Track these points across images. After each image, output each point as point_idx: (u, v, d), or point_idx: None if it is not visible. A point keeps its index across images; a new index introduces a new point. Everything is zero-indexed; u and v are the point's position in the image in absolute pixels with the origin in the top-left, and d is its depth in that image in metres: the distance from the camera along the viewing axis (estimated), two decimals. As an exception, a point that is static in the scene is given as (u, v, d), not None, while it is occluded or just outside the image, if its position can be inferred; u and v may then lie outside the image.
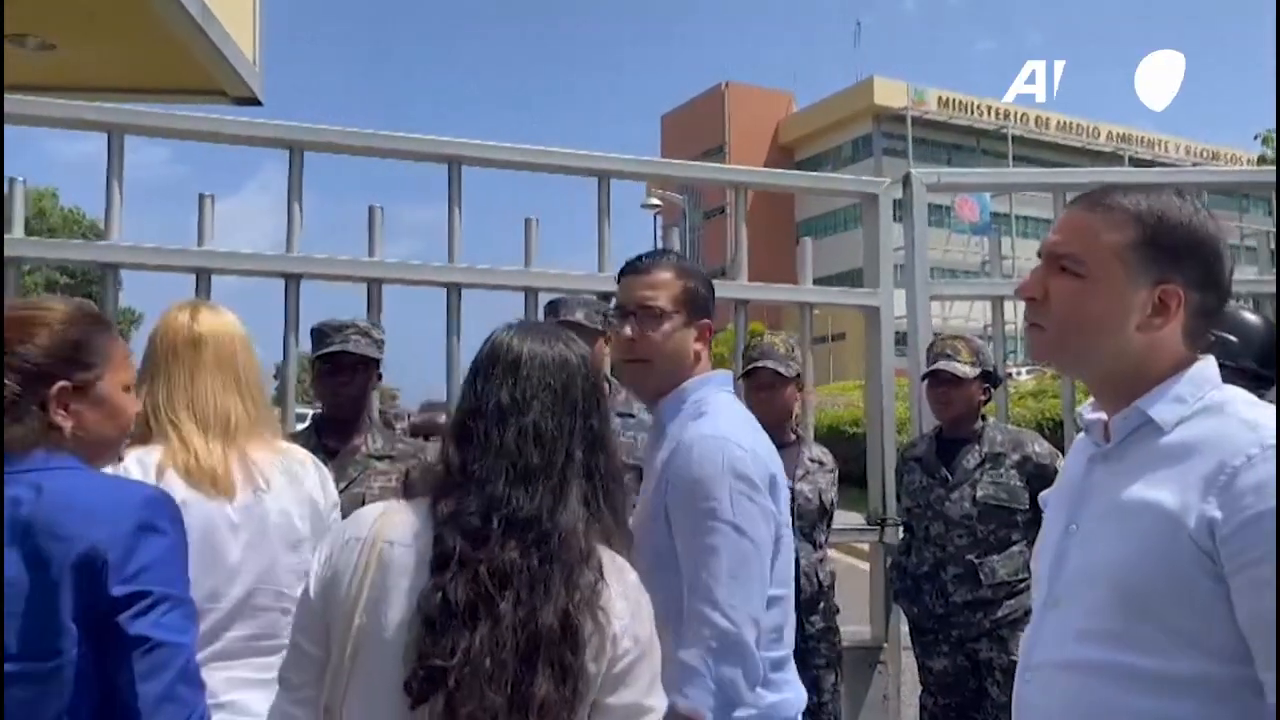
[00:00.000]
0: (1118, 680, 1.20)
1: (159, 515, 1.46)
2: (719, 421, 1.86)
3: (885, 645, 3.63)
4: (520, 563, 1.34)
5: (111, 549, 1.37)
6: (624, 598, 1.41)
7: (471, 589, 1.32)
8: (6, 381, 1.45)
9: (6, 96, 3.15)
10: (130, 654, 1.36)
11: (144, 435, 1.95)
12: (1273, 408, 1.28)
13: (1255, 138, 24.50)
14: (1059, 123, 56.00)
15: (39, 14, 4.58)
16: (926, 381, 3.32)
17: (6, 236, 3.02)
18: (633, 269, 1.98)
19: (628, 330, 1.92)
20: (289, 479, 2.05)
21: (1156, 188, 1.35)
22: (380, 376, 2.95)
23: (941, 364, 3.23)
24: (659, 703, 1.43)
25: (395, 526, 1.41)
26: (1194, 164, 52.61)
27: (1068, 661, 1.27)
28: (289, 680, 1.45)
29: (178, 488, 1.86)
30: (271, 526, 1.98)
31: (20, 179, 3.17)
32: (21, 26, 4.76)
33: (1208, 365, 1.31)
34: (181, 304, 2.11)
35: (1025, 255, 31.50)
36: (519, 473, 1.39)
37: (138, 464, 1.92)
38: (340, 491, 2.68)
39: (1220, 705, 1.16)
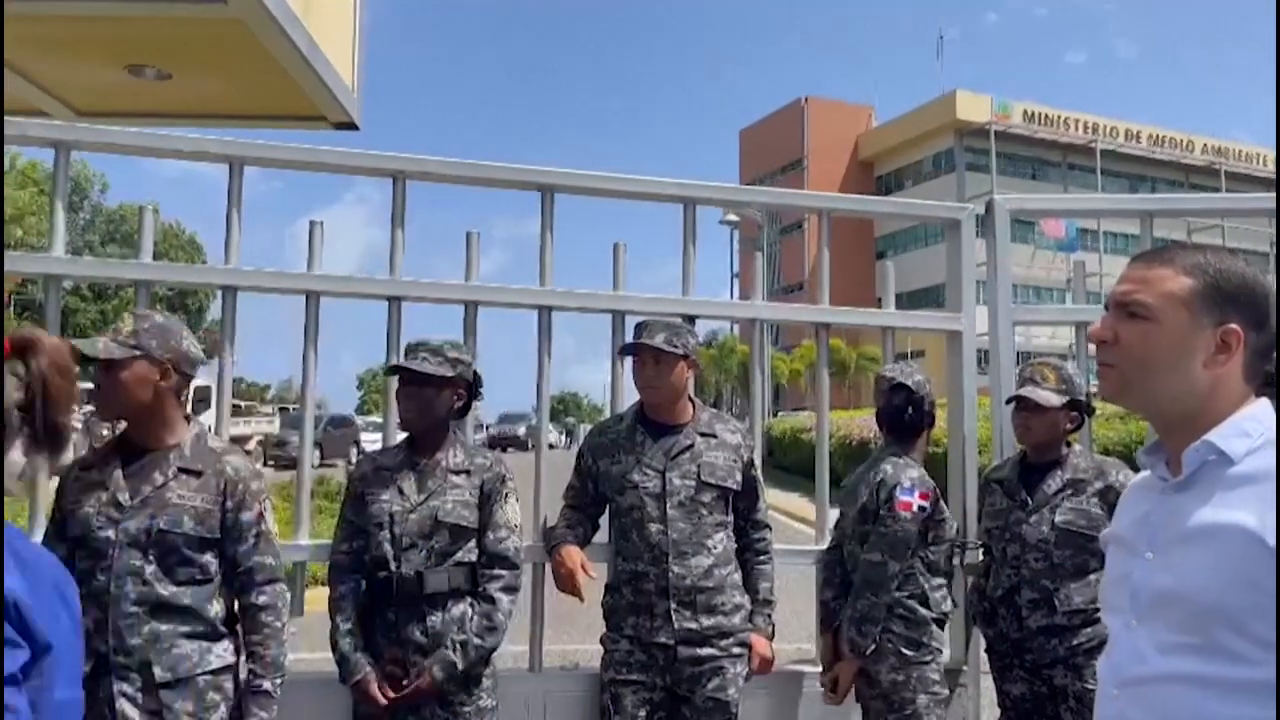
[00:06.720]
0: (1206, 689, 1.29)
1: None
2: None
3: (965, 667, 3.65)
4: None
5: None
6: None
7: None
8: None
9: (130, 126, 3.39)
10: None
11: None
12: None
13: None
14: (1151, 136, 54.40)
15: (159, 47, 4.88)
16: (1011, 405, 3.34)
17: (138, 260, 3.25)
18: None
19: None
20: None
21: (1213, 248, 1.47)
22: (462, 395, 3.01)
23: (1026, 390, 3.22)
24: None
25: None
26: (1294, 178, 50.60)
27: (1158, 675, 1.35)
28: None
29: None
30: None
31: (151, 207, 3.37)
32: (141, 58, 5.07)
33: (1266, 403, 1.42)
34: None
35: (1113, 272, 30.59)
36: None
37: None
38: (421, 503, 2.85)
39: None
